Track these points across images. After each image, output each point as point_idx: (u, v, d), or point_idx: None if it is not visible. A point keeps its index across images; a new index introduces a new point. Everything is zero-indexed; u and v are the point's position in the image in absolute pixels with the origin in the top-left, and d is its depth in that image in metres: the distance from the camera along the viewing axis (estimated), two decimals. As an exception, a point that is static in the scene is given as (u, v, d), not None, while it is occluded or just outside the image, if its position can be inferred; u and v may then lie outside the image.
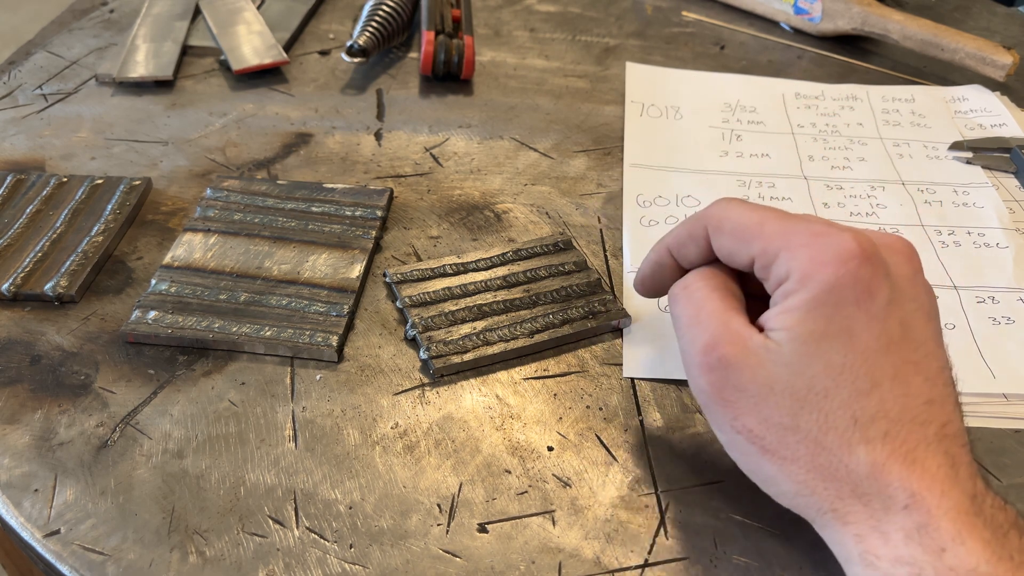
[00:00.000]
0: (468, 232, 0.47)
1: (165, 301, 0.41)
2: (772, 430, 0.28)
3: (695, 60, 0.66)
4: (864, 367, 0.27)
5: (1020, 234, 0.48)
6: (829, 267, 0.28)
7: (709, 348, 0.29)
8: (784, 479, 0.28)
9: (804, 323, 0.28)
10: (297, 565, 0.31)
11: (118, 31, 0.66)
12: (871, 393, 0.27)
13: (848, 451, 0.27)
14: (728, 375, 0.29)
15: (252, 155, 0.53)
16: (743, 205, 0.31)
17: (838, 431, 0.27)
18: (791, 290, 0.28)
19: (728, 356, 0.29)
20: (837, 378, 0.27)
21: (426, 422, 0.37)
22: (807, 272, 0.28)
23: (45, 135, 0.54)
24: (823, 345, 0.28)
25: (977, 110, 0.60)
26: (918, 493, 0.26)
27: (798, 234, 0.29)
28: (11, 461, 0.34)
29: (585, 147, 0.55)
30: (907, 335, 0.28)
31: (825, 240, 0.28)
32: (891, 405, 0.27)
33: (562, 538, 0.32)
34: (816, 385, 0.28)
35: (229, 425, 0.36)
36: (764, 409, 0.28)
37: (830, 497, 0.28)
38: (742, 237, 0.30)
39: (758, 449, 0.29)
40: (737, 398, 0.29)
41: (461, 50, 0.59)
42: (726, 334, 0.29)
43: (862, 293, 0.27)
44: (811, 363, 0.28)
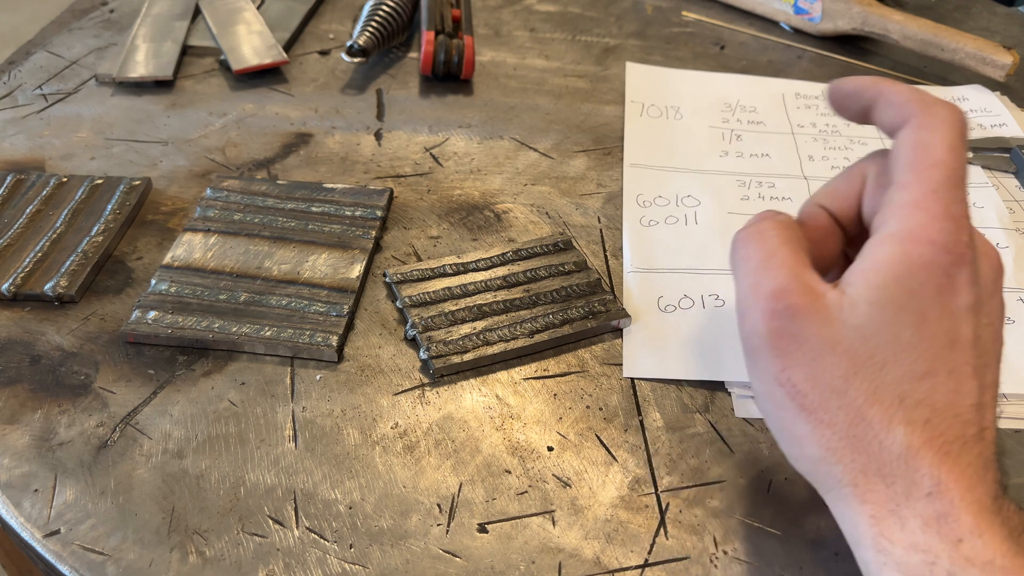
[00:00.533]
0: (468, 232, 0.47)
1: (165, 301, 0.41)
2: (818, 389, 0.28)
3: (695, 60, 0.66)
4: (928, 352, 0.27)
5: (1020, 234, 0.48)
6: (933, 247, 0.27)
7: (779, 294, 0.28)
8: (813, 442, 0.28)
9: (886, 289, 0.27)
10: (297, 565, 0.31)
11: (118, 31, 0.66)
12: (925, 379, 0.27)
13: (887, 428, 0.27)
14: (792, 324, 0.28)
15: (252, 155, 0.53)
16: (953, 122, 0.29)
17: (883, 405, 0.27)
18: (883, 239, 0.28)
19: (798, 305, 0.28)
20: (899, 354, 0.27)
21: (426, 422, 0.37)
22: (912, 234, 0.27)
23: (45, 135, 0.54)
24: (898, 317, 0.27)
25: (977, 110, 0.60)
26: (944, 483, 0.26)
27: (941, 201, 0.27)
28: (11, 461, 0.34)
29: (585, 147, 0.55)
30: (975, 341, 0.28)
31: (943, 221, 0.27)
32: (940, 396, 0.27)
33: (562, 538, 0.32)
34: (877, 355, 0.27)
35: (229, 425, 0.36)
36: (818, 366, 0.27)
37: (854, 470, 0.27)
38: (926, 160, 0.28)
39: (797, 405, 0.28)
40: (794, 349, 0.28)
41: (461, 50, 0.59)
42: (798, 284, 0.28)
43: (947, 288, 0.27)
44: (880, 331, 0.27)
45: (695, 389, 0.38)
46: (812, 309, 0.28)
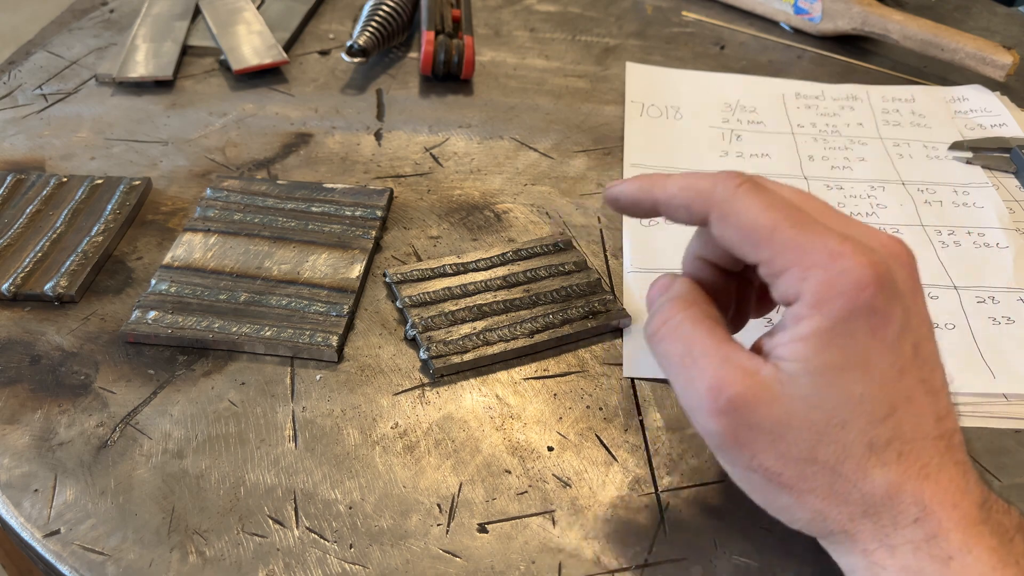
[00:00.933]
0: (468, 232, 0.47)
1: (165, 301, 0.41)
2: (790, 465, 0.27)
3: (695, 60, 0.66)
4: (881, 394, 0.27)
5: (1020, 234, 0.48)
6: (845, 296, 0.26)
7: (715, 391, 0.27)
8: (799, 509, 0.28)
9: (820, 355, 0.26)
10: (297, 565, 0.31)
11: (118, 31, 0.66)
12: (887, 420, 0.27)
13: (863, 476, 0.27)
14: (742, 416, 0.27)
15: (252, 155, 0.53)
16: (756, 200, 0.28)
17: (855, 459, 0.27)
18: (802, 315, 0.27)
19: (739, 396, 0.27)
20: (855, 408, 0.27)
21: (426, 422, 0.37)
22: (821, 299, 0.26)
23: (45, 135, 0.54)
24: (841, 376, 0.26)
25: (977, 110, 0.60)
26: (929, 507, 0.26)
27: (811, 252, 0.26)
28: (11, 461, 0.34)
29: (585, 147, 0.55)
30: (917, 354, 0.27)
31: (841, 264, 0.26)
32: (905, 427, 0.27)
33: (562, 538, 0.32)
34: (834, 417, 0.27)
35: (229, 425, 0.36)
36: (781, 445, 0.27)
37: (842, 520, 0.27)
38: (749, 238, 0.28)
39: (775, 485, 0.28)
40: (753, 438, 0.27)
41: (461, 50, 0.59)
42: (731, 372, 0.27)
43: (878, 322, 0.26)
44: (829, 395, 0.26)
45: (695, 389, 0.38)
46: (754, 395, 0.27)
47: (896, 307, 0.26)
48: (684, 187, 0.30)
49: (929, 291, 0.44)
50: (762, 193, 0.28)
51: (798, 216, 0.27)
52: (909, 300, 0.27)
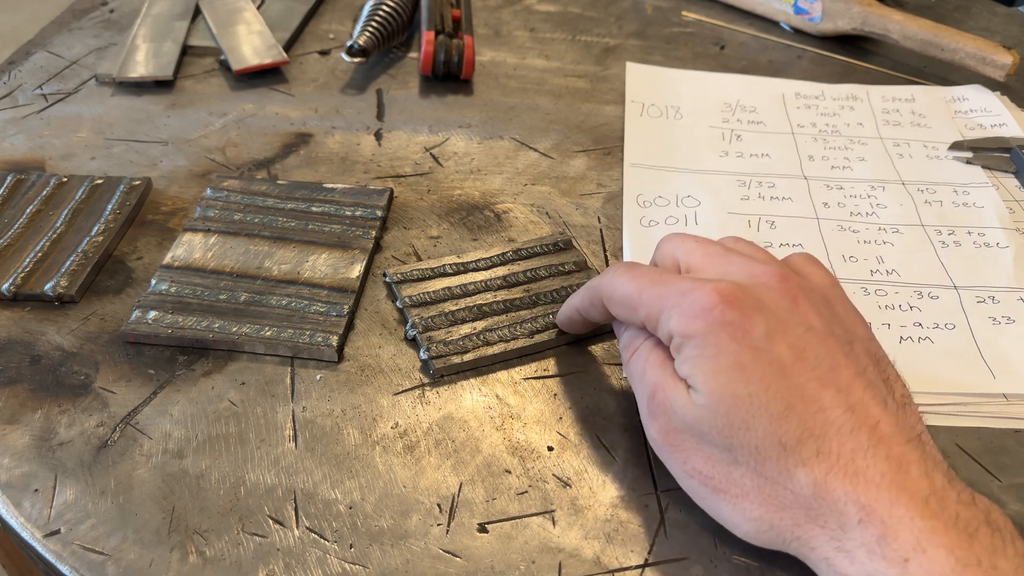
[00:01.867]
0: (468, 232, 0.47)
1: (165, 301, 0.41)
2: (717, 468, 0.30)
3: (695, 60, 0.66)
4: (769, 393, 0.28)
5: (1020, 234, 0.48)
6: (699, 319, 0.30)
7: (651, 396, 0.32)
8: (741, 518, 0.29)
9: (699, 367, 0.29)
10: (297, 565, 0.31)
11: (118, 31, 0.66)
12: (788, 416, 0.28)
13: (788, 476, 0.28)
14: (669, 420, 0.31)
15: (252, 155, 0.53)
16: (625, 275, 0.33)
17: (772, 459, 0.28)
18: (679, 345, 0.31)
19: (665, 402, 0.31)
20: (749, 408, 0.28)
21: (426, 422, 0.37)
22: (683, 328, 0.30)
23: (45, 135, 0.54)
24: (722, 380, 0.29)
25: (977, 110, 0.60)
26: (867, 505, 0.26)
27: (668, 296, 0.31)
28: (11, 461, 0.34)
29: (585, 147, 0.55)
30: (801, 356, 0.29)
31: (690, 297, 0.30)
32: (811, 423, 0.28)
33: (562, 538, 0.32)
34: (735, 419, 0.29)
35: (229, 425, 0.36)
36: (705, 449, 0.30)
37: (789, 526, 0.28)
38: (628, 306, 0.33)
39: (711, 489, 0.30)
40: (681, 441, 0.31)
41: (461, 50, 0.59)
42: (665, 382, 0.31)
43: (736, 331, 0.29)
44: (721, 400, 0.29)
45: (695, 389, 0.38)
46: (676, 402, 0.30)
47: (755, 318, 0.29)
48: (584, 289, 0.37)
49: (929, 291, 0.44)
50: (631, 269, 0.34)
51: (658, 276, 0.33)
52: (782, 313, 0.30)
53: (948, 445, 0.37)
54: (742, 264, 0.32)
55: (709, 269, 0.33)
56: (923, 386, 0.39)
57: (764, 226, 0.48)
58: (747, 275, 0.32)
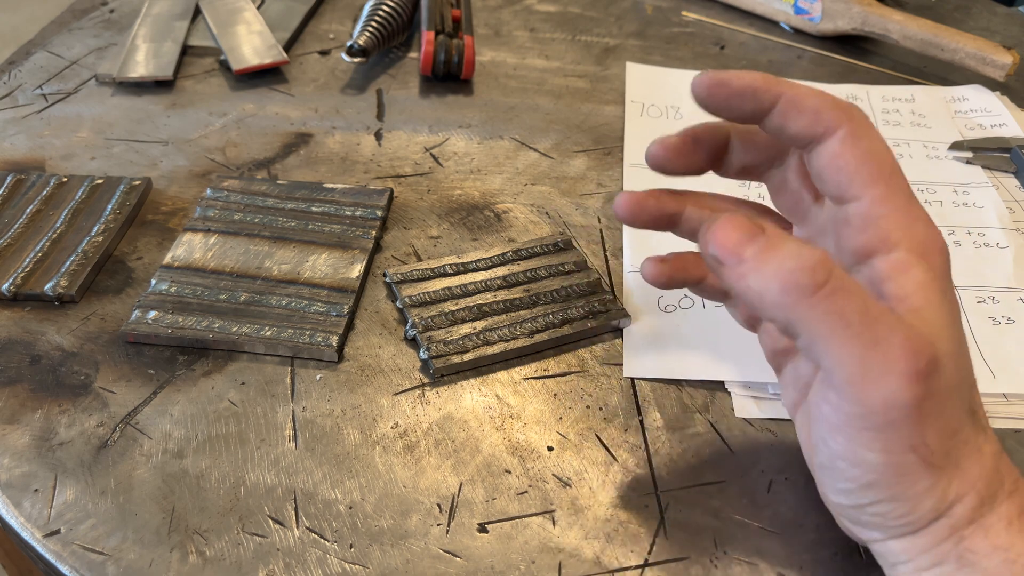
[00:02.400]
0: (468, 232, 0.47)
1: (165, 301, 0.41)
2: (943, 438, 0.25)
3: (695, 60, 0.66)
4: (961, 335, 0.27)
5: (1020, 234, 0.48)
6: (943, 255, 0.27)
7: (915, 352, 0.24)
8: (929, 493, 0.25)
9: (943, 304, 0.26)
10: (297, 565, 0.31)
11: (118, 31, 0.66)
12: (973, 388, 0.27)
13: (975, 446, 0.26)
14: (934, 381, 0.24)
15: (252, 155, 0.53)
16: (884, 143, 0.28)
17: (967, 426, 0.26)
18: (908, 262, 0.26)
19: (935, 359, 0.24)
20: (959, 351, 0.26)
21: (426, 422, 0.37)
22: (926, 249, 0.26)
23: (45, 135, 0.54)
24: (957, 328, 0.26)
25: (977, 110, 0.60)
26: (1020, 479, 0.27)
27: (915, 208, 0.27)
28: (11, 461, 0.34)
29: (585, 147, 0.55)
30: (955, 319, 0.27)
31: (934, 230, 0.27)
32: (976, 396, 0.27)
33: (562, 538, 0.32)
34: (960, 359, 0.26)
35: (229, 425, 0.36)
36: (947, 414, 0.25)
37: (950, 501, 0.26)
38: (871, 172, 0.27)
39: (925, 465, 0.25)
40: (932, 408, 0.24)
41: (461, 50, 0.59)
42: (917, 333, 0.24)
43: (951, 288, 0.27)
44: (960, 348, 0.26)
45: (695, 389, 0.38)
46: (942, 356, 0.24)
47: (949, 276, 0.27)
48: (820, 94, 0.28)
49: (929, 291, 0.44)
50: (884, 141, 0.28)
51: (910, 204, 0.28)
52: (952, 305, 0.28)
53: (948, 445, 0.37)
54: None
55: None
56: (923, 386, 0.39)
57: (764, 226, 0.48)
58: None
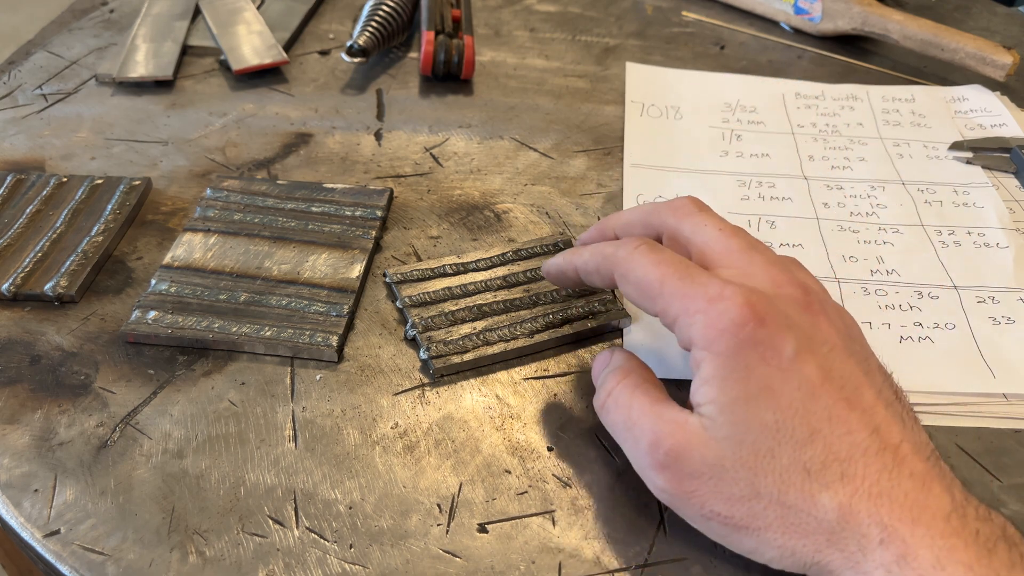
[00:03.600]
0: (468, 232, 0.47)
1: (165, 301, 0.41)
2: (738, 505, 0.28)
3: (695, 60, 0.66)
4: (797, 418, 0.28)
5: (1020, 234, 0.48)
6: (727, 334, 0.28)
7: (654, 446, 0.29)
8: (764, 548, 0.28)
9: (724, 391, 0.28)
10: (297, 565, 0.31)
11: (118, 31, 0.66)
12: (814, 440, 0.27)
13: (812, 503, 0.27)
14: (681, 466, 0.29)
15: (252, 155, 0.53)
16: (648, 258, 0.31)
17: (796, 486, 0.27)
18: (700, 359, 0.29)
19: (674, 448, 0.29)
20: (776, 436, 0.27)
21: (426, 422, 0.37)
22: (707, 340, 0.29)
23: (45, 135, 0.54)
24: (750, 407, 0.28)
25: (977, 110, 0.60)
26: (889, 526, 0.26)
27: (694, 299, 0.29)
28: (11, 461, 0.34)
29: (585, 147, 0.55)
30: (828, 376, 0.28)
31: (719, 307, 0.28)
32: (837, 446, 0.27)
33: (562, 538, 0.32)
34: (759, 448, 0.28)
35: (229, 425, 0.36)
36: (723, 487, 0.28)
37: (810, 552, 0.28)
38: (645, 294, 0.31)
39: (732, 527, 0.29)
40: (696, 486, 0.28)
41: (461, 50, 0.59)
42: (664, 426, 0.29)
43: (767, 351, 0.28)
44: (746, 428, 0.28)
45: (695, 389, 0.38)
46: (686, 443, 0.28)
47: (786, 336, 0.28)
48: (593, 253, 0.34)
49: (929, 291, 0.44)
50: (655, 252, 0.31)
51: (684, 269, 0.30)
52: (807, 330, 0.29)
53: (948, 445, 0.37)
54: (764, 267, 0.31)
55: (730, 267, 0.31)
56: (923, 386, 0.39)
57: (764, 226, 0.48)
58: (770, 282, 0.30)
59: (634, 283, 0.31)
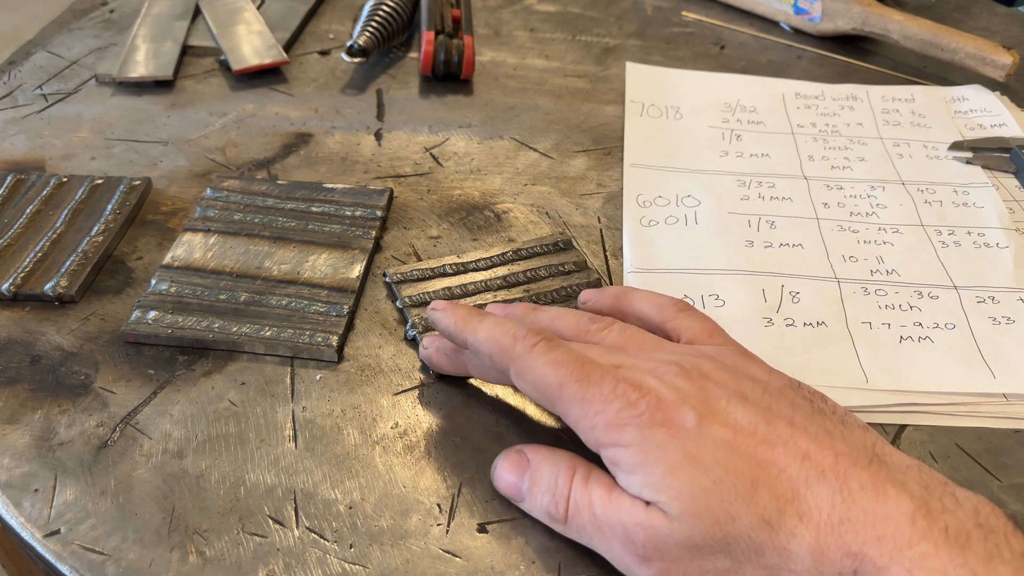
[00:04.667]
0: (468, 232, 0.47)
1: (165, 301, 0.41)
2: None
3: (695, 60, 0.66)
4: (730, 474, 0.27)
5: (1020, 234, 0.48)
6: (629, 427, 0.28)
7: (629, 542, 0.28)
8: None
9: (652, 473, 0.28)
10: (297, 565, 0.31)
11: (118, 31, 0.66)
12: (757, 490, 0.27)
13: (787, 556, 0.27)
14: (662, 554, 0.28)
15: (252, 155, 0.53)
16: (546, 358, 0.30)
17: (767, 544, 0.27)
18: (614, 456, 0.29)
19: (648, 539, 0.28)
20: (722, 496, 0.27)
21: (426, 422, 0.37)
22: (614, 437, 0.29)
23: (45, 135, 0.54)
24: (682, 477, 0.27)
25: (977, 110, 0.60)
26: (859, 552, 0.26)
27: (591, 402, 0.29)
28: (11, 461, 0.34)
29: (585, 147, 0.55)
30: (737, 428, 0.28)
31: (615, 405, 0.29)
32: (780, 488, 0.27)
33: (562, 538, 0.32)
34: (718, 514, 0.27)
35: (229, 425, 0.36)
36: (708, 564, 0.28)
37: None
38: (544, 396, 0.31)
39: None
40: (684, 569, 0.28)
41: (461, 50, 0.59)
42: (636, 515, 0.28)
43: (672, 428, 0.28)
44: (693, 499, 0.27)
45: (695, 389, 0.38)
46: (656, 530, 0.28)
47: (682, 410, 0.29)
48: (488, 338, 0.32)
49: (929, 291, 0.44)
50: (553, 351, 0.31)
51: (581, 369, 0.30)
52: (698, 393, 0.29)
53: (948, 445, 0.37)
54: (639, 360, 0.31)
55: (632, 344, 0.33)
56: (923, 386, 0.39)
57: (764, 226, 0.48)
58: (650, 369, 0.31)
59: (531, 384, 0.31)
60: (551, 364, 0.30)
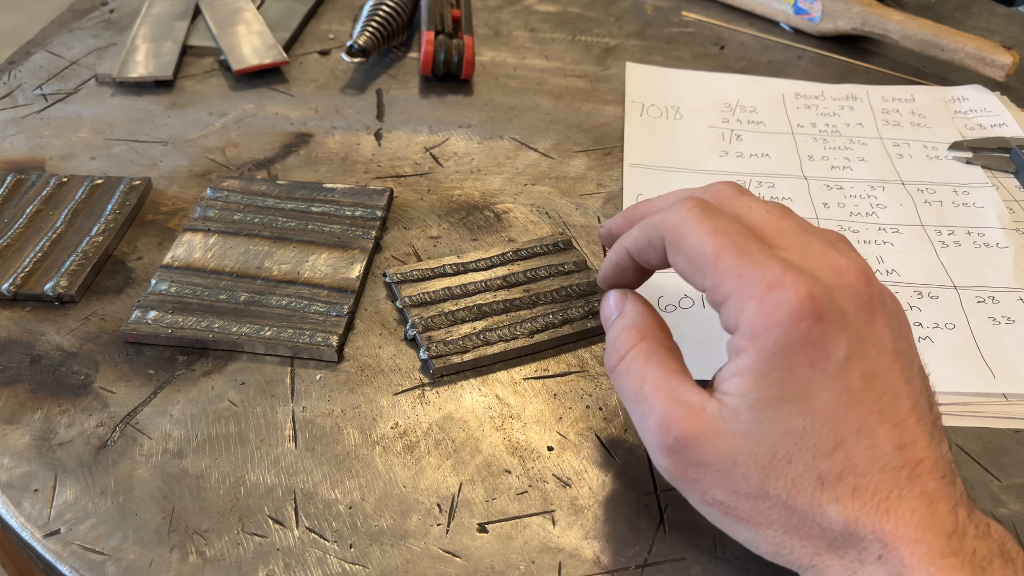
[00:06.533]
0: (468, 232, 0.47)
1: (165, 301, 0.41)
2: (742, 500, 0.27)
3: (695, 60, 0.66)
4: (826, 428, 0.26)
5: (1020, 234, 0.48)
6: (780, 327, 0.26)
7: (663, 429, 0.28)
8: (761, 542, 0.28)
9: (759, 388, 0.26)
10: (297, 565, 0.31)
11: (118, 31, 0.66)
12: (836, 452, 0.26)
13: (819, 511, 0.27)
14: (689, 453, 0.27)
15: (252, 155, 0.53)
16: (703, 225, 0.28)
17: (807, 493, 0.27)
18: (741, 347, 0.27)
19: (685, 435, 0.27)
20: (799, 442, 0.26)
21: (426, 422, 0.37)
22: (756, 329, 0.26)
23: (45, 135, 0.54)
24: (781, 410, 0.26)
25: (977, 110, 0.60)
26: (891, 543, 0.26)
27: (750, 281, 0.27)
28: (11, 461, 0.34)
29: (585, 147, 0.55)
30: (871, 385, 0.27)
31: (777, 295, 0.26)
32: (858, 459, 0.26)
33: (562, 538, 0.32)
34: (779, 451, 0.26)
35: (229, 425, 0.36)
36: (731, 481, 0.27)
37: (808, 554, 0.27)
38: (696, 265, 0.28)
39: (732, 518, 0.28)
40: (702, 475, 0.28)
41: (461, 50, 0.59)
42: (677, 410, 0.28)
43: (817, 353, 0.26)
44: (771, 429, 0.26)
45: (695, 389, 0.38)
46: (699, 432, 0.27)
47: (839, 338, 0.26)
48: (642, 227, 0.31)
49: (929, 291, 0.44)
50: (711, 218, 0.28)
51: (744, 244, 0.28)
52: (862, 330, 0.27)
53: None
54: (823, 252, 0.28)
55: (786, 248, 0.28)
56: (923, 386, 0.39)
57: (764, 226, 0.48)
58: (830, 269, 0.28)
59: (685, 253, 0.28)
60: (709, 232, 0.28)
